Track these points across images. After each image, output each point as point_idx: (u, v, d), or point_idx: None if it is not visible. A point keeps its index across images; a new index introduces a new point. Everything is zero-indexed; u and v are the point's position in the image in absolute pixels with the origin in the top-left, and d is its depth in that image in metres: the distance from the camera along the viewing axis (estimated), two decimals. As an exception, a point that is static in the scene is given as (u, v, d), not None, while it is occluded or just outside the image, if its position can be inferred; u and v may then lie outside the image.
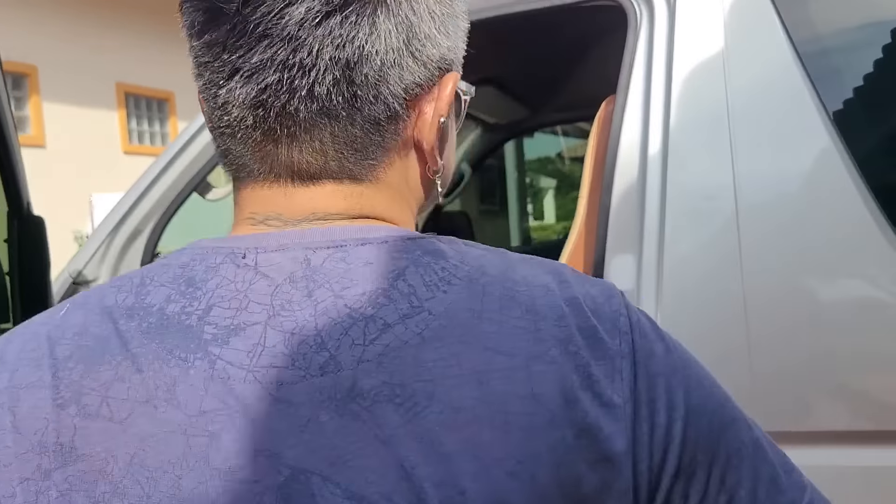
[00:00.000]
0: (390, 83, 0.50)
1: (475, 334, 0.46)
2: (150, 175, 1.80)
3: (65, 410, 0.44)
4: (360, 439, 0.43)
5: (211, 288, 0.47)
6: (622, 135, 1.50)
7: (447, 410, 0.44)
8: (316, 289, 0.47)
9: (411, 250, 0.49)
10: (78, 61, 8.43)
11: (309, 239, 0.49)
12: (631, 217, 1.48)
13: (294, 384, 0.44)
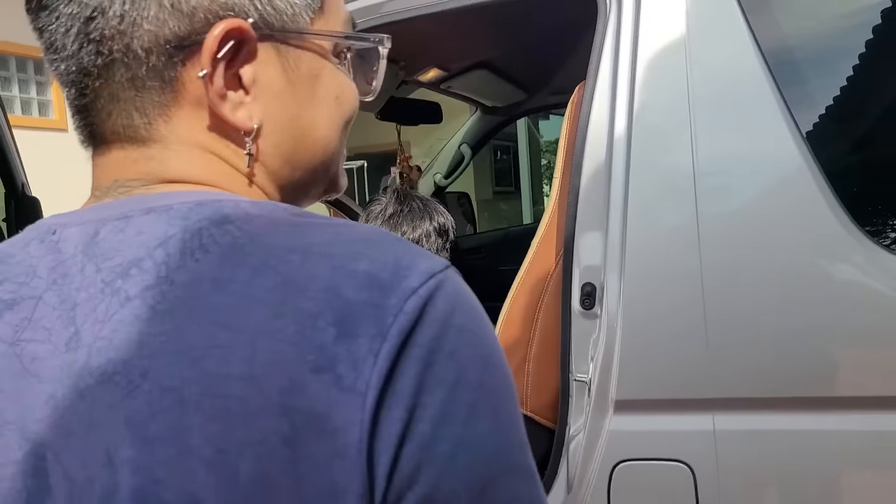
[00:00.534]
0: (141, 37, 0.47)
1: (207, 306, 0.42)
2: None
3: None
4: (81, 420, 0.42)
5: (12, 263, 0.48)
6: (591, 118, 1.57)
7: (156, 390, 0.41)
8: (87, 263, 0.46)
9: (191, 216, 0.46)
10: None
11: (105, 212, 0.48)
12: (599, 197, 1.55)
13: (45, 359, 0.44)
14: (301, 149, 0.54)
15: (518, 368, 1.71)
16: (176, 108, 0.49)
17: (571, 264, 1.57)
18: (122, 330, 0.42)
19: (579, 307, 1.55)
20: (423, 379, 0.41)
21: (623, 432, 1.52)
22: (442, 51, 2.50)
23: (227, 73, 0.49)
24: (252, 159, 0.52)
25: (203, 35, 0.48)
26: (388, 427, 0.40)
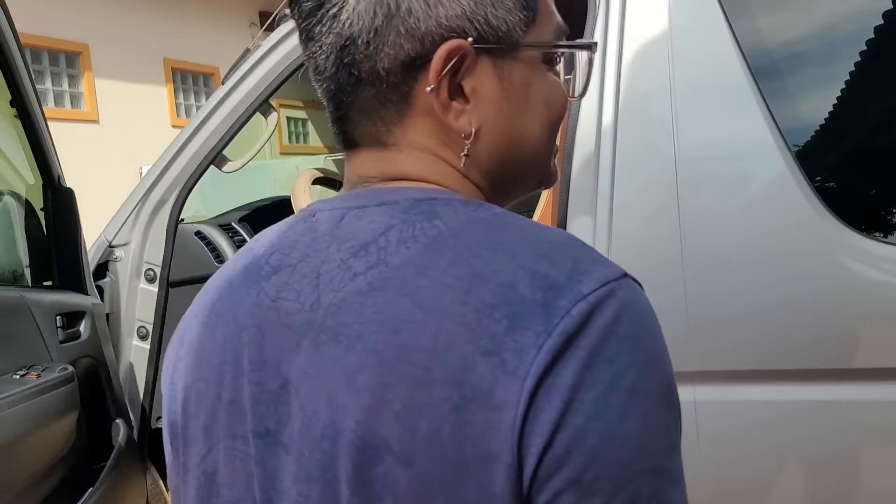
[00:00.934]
0: (383, 60, 0.56)
1: (411, 288, 0.50)
2: (172, 149, 2.03)
3: None
4: (317, 367, 0.52)
5: (284, 237, 0.60)
6: (581, 108, 1.66)
7: (365, 351, 0.50)
8: (332, 242, 0.56)
9: (410, 211, 0.55)
10: (128, 39, 8.75)
11: (350, 202, 0.58)
12: (587, 183, 1.65)
13: (295, 314, 0.54)
14: (513, 149, 0.61)
15: None
16: (409, 118, 0.59)
17: (563, 247, 1.67)
18: (348, 300, 0.52)
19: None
20: (582, 377, 0.46)
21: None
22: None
23: (450, 86, 0.57)
24: (468, 159, 0.59)
25: (431, 55, 0.56)
26: (544, 413, 0.46)
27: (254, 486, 0.55)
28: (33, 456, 1.36)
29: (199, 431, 0.59)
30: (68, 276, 1.74)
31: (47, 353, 1.50)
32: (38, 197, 1.73)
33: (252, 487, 0.55)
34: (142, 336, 2.09)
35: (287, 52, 1.96)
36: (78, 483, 1.62)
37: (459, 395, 0.46)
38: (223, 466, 0.57)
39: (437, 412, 0.47)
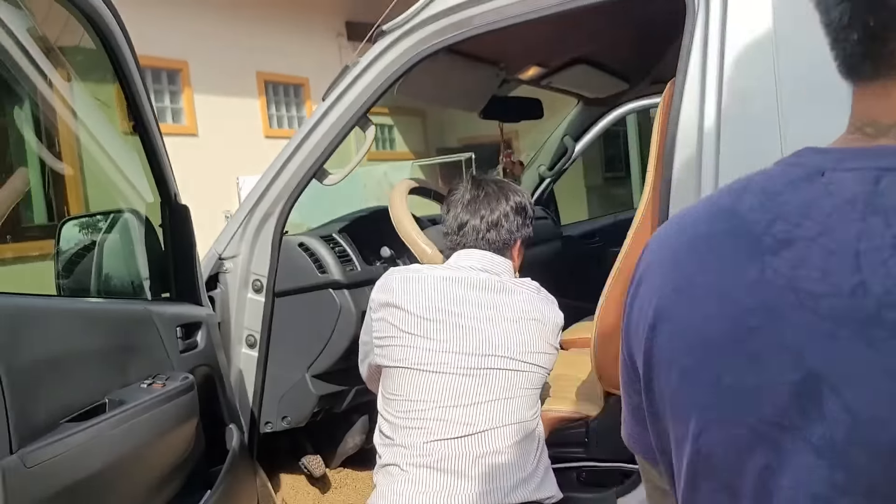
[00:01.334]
0: None
1: None
2: (276, 164, 2.11)
3: None
4: (869, 365, 0.44)
5: (781, 202, 0.50)
6: (681, 113, 1.64)
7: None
8: (871, 214, 0.46)
9: None
10: (223, 54, 9.11)
11: (880, 160, 0.47)
12: (690, 188, 1.62)
13: (822, 298, 0.46)
14: None
15: (617, 354, 1.80)
16: None
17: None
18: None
19: (674, 294, 1.62)
20: None
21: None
22: (541, 50, 2.60)
23: None
24: None
25: None
26: None
27: (766, 477, 0.49)
28: (160, 460, 1.45)
29: (689, 407, 0.53)
30: (185, 288, 1.83)
31: (169, 363, 1.59)
32: (156, 214, 1.83)
33: (763, 478, 0.49)
34: (250, 344, 2.18)
35: (384, 68, 2.01)
36: (196, 485, 1.71)
37: None
38: (721, 450, 0.51)
39: None
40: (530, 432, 1.59)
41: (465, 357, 1.55)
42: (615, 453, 1.88)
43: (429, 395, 1.54)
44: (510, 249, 1.72)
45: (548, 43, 2.55)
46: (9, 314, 1.08)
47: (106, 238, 1.90)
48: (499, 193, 1.72)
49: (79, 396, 1.25)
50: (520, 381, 1.58)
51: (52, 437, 1.11)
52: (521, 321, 1.60)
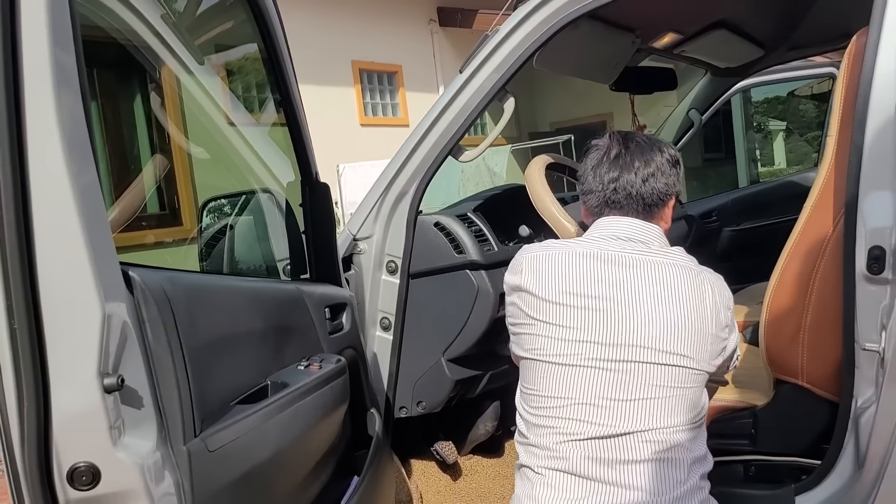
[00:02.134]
0: None
1: None
2: (411, 142, 2.04)
3: None
4: None
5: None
6: (876, 69, 1.46)
7: None
8: None
9: None
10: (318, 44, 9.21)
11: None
12: (887, 152, 1.44)
13: None
14: None
15: (792, 338, 1.64)
16: None
17: (855, 227, 1.48)
18: None
19: (866, 272, 1.46)
20: None
21: (924, 406, 1.41)
22: (679, 15, 2.43)
23: None
24: None
25: None
26: None
27: None
28: (319, 444, 1.40)
29: None
30: (324, 269, 1.78)
31: (320, 345, 1.53)
32: (295, 194, 1.79)
33: None
34: (384, 327, 2.12)
35: (525, 36, 1.90)
36: (344, 470, 1.66)
37: None
38: None
39: None
40: (686, 441, 1.35)
41: (605, 348, 1.34)
42: (788, 446, 1.72)
43: (562, 390, 1.35)
44: (663, 209, 1.49)
45: (686, 6, 2.38)
46: (186, 289, 1.03)
47: (246, 218, 1.87)
48: (651, 144, 1.51)
49: (244, 378, 1.20)
50: (672, 377, 1.34)
51: (229, 419, 1.06)
52: (675, 304, 1.36)
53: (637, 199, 1.46)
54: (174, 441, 0.92)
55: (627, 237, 1.44)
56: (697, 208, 3.40)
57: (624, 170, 1.47)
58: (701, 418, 1.41)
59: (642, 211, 1.47)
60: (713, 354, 1.40)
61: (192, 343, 1.00)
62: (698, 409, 1.39)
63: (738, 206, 3.47)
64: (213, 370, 1.06)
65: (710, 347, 1.38)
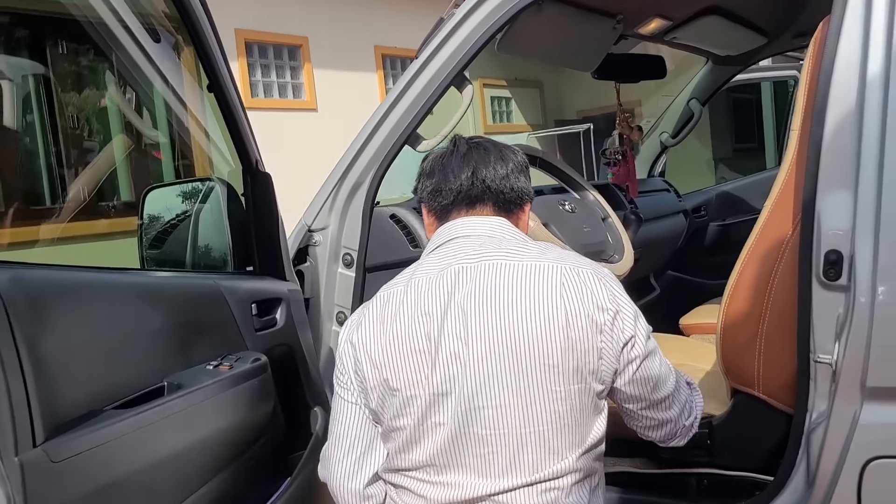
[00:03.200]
0: None
1: None
2: (366, 130, 1.96)
3: None
4: None
5: None
6: (837, 57, 1.34)
7: None
8: None
9: None
10: (342, 29, 9.16)
11: None
12: (846, 149, 1.32)
13: None
14: None
15: (748, 345, 1.54)
16: None
17: (812, 229, 1.36)
18: None
19: (822, 278, 1.35)
20: None
21: (877, 425, 1.30)
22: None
23: None
24: None
25: None
26: None
27: None
28: (225, 447, 1.33)
29: None
30: (267, 261, 1.72)
31: (242, 342, 1.47)
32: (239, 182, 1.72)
33: None
34: (340, 322, 2.05)
35: (482, 19, 1.80)
36: (276, 473, 1.60)
37: None
38: None
39: None
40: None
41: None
42: (743, 460, 1.62)
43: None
44: (520, 212, 1.34)
45: (672, -10, 2.26)
46: (34, 288, 0.97)
47: (188, 208, 1.81)
48: (501, 146, 1.36)
49: (131, 379, 1.14)
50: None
51: (90, 426, 1.00)
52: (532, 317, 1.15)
53: (497, 194, 1.30)
54: (4, 452, 0.86)
55: (485, 234, 1.26)
56: (690, 202, 3.28)
57: (479, 163, 1.32)
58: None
59: (502, 208, 1.31)
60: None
61: (39, 344, 0.94)
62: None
63: (725, 200, 3.35)
64: (76, 373, 1.00)
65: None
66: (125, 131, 4.05)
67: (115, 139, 4.04)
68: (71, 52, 4.89)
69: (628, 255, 2.15)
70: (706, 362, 1.99)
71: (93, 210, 4.60)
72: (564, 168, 2.30)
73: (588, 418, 1.20)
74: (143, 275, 1.44)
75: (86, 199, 3.95)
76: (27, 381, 0.90)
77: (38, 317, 0.95)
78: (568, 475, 1.19)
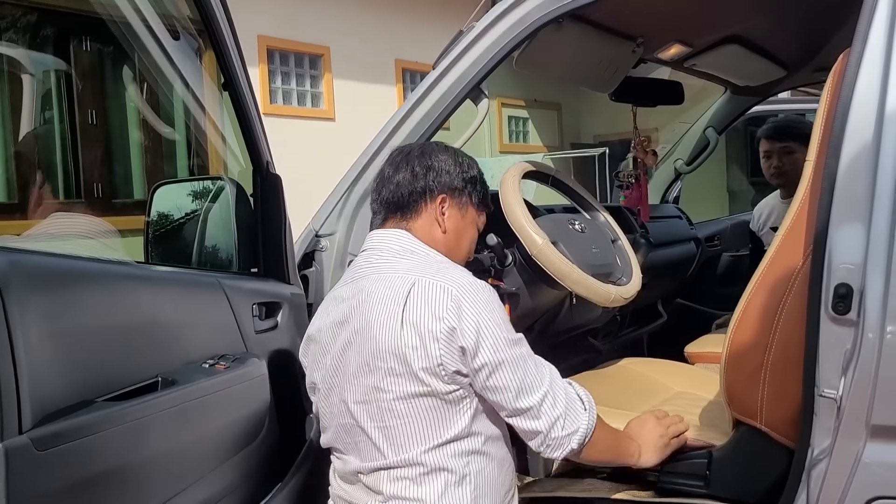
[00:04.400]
0: None
1: None
2: (379, 138, 1.96)
3: None
4: None
5: None
6: (856, 90, 1.33)
7: None
8: None
9: None
10: (364, 41, 9.22)
11: None
12: (862, 182, 1.31)
13: None
14: None
15: (752, 375, 1.51)
16: None
17: (823, 261, 1.34)
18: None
19: (831, 311, 1.32)
20: None
21: (881, 463, 1.28)
22: (685, 24, 2.30)
23: None
24: None
25: None
26: None
27: None
28: (216, 447, 1.32)
29: None
30: (272, 263, 1.71)
31: (242, 342, 1.46)
32: (249, 183, 1.72)
33: None
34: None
35: (502, 34, 1.80)
36: (268, 477, 1.58)
37: None
38: None
39: None
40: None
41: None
42: (742, 493, 1.59)
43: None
44: (420, 207, 1.45)
45: (694, 16, 2.25)
46: (31, 274, 0.97)
47: (197, 206, 1.81)
48: (407, 156, 1.49)
49: (125, 372, 1.13)
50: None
51: (80, 416, 0.99)
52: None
53: (386, 204, 1.46)
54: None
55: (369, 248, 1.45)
56: (703, 231, 3.26)
57: (380, 184, 1.49)
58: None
59: (397, 214, 1.45)
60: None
61: (35, 332, 0.93)
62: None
63: (740, 230, 3.33)
64: (69, 361, 0.99)
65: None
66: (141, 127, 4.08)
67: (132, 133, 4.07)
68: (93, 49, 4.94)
69: (636, 278, 2.12)
70: (709, 391, 1.96)
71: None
72: (576, 188, 2.28)
73: (437, 416, 1.30)
74: (143, 268, 1.43)
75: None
76: (18, 366, 0.89)
77: (33, 303, 0.94)
78: (413, 466, 1.30)
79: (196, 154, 3.28)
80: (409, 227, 1.43)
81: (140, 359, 1.17)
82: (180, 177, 4.59)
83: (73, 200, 4.80)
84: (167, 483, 1.16)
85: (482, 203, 1.55)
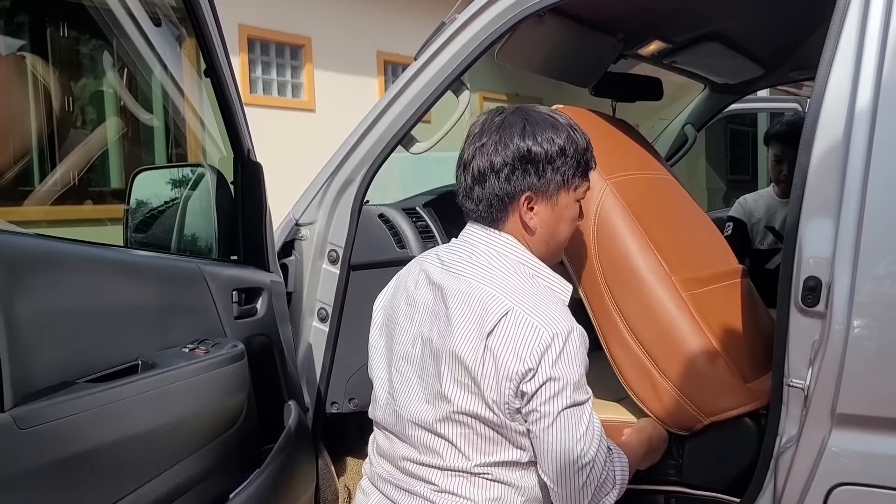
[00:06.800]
0: None
1: None
2: (360, 128, 1.96)
3: None
4: None
5: None
6: (828, 88, 1.36)
7: None
8: None
9: None
10: (344, 33, 9.17)
11: None
12: (831, 179, 1.35)
13: None
14: None
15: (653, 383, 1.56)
16: None
17: (793, 255, 1.38)
18: None
19: (800, 303, 1.36)
20: None
21: (845, 451, 1.32)
22: (665, 21, 2.33)
23: None
24: None
25: None
26: None
27: None
28: (195, 432, 1.33)
29: None
30: (252, 251, 1.72)
31: (221, 328, 1.47)
32: (230, 171, 1.72)
33: None
34: (321, 318, 2.05)
35: (483, 26, 1.81)
36: (245, 464, 1.59)
37: None
38: None
39: None
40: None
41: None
42: (712, 481, 1.63)
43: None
44: (505, 214, 1.33)
45: (674, 13, 2.27)
46: (12, 255, 0.97)
47: (176, 192, 1.81)
48: (510, 127, 1.31)
49: (105, 355, 1.14)
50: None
51: (61, 396, 0.99)
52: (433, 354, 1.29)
53: (468, 209, 1.39)
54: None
55: (442, 259, 1.39)
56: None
57: (460, 162, 1.37)
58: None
59: (485, 216, 1.36)
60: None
61: (16, 311, 0.93)
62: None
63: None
64: (51, 342, 1.00)
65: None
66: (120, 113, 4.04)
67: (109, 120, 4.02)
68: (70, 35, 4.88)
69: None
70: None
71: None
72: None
73: (498, 437, 1.29)
74: (123, 252, 1.44)
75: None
76: (5, 343, 0.89)
77: (15, 283, 0.95)
78: (468, 472, 1.30)
79: (176, 141, 3.25)
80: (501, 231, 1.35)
81: (120, 342, 1.18)
82: (160, 164, 4.56)
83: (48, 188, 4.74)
84: (146, 466, 1.17)
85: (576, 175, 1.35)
